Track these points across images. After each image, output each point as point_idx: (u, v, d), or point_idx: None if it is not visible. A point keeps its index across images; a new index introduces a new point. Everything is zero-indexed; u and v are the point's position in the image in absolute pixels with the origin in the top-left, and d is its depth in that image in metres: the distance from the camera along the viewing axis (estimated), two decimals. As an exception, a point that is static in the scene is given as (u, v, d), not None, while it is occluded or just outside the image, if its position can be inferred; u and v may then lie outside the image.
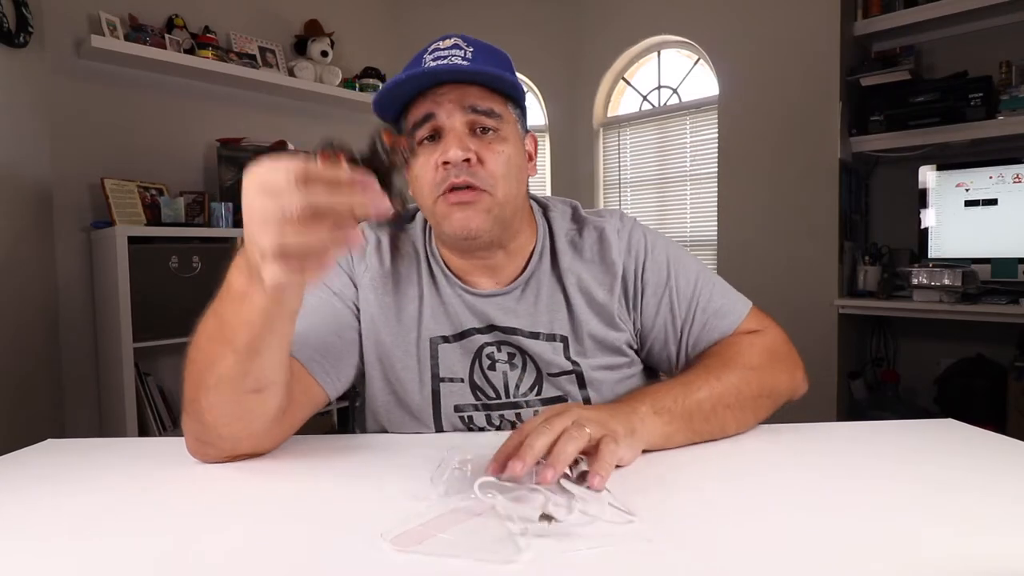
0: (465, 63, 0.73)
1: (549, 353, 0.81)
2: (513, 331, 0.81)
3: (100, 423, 2.42)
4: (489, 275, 0.83)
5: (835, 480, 0.58)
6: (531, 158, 0.84)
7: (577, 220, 0.87)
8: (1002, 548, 0.45)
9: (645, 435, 0.64)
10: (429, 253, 0.85)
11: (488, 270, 0.82)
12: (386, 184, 0.49)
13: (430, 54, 0.75)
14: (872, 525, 0.48)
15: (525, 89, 0.80)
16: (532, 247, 0.84)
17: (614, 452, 0.56)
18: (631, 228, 0.86)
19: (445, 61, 0.73)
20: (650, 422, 0.65)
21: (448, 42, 0.76)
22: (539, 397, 0.82)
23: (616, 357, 0.83)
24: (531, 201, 0.88)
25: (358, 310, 0.83)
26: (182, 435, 0.67)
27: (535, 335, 0.81)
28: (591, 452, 0.57)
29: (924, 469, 0.62)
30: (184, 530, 0.51)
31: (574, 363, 0.81)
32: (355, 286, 0.83)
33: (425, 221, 0.86)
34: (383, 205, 0.48)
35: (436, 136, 0.75)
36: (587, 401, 0.81)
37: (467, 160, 0.72)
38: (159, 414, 2.37)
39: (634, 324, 0.84)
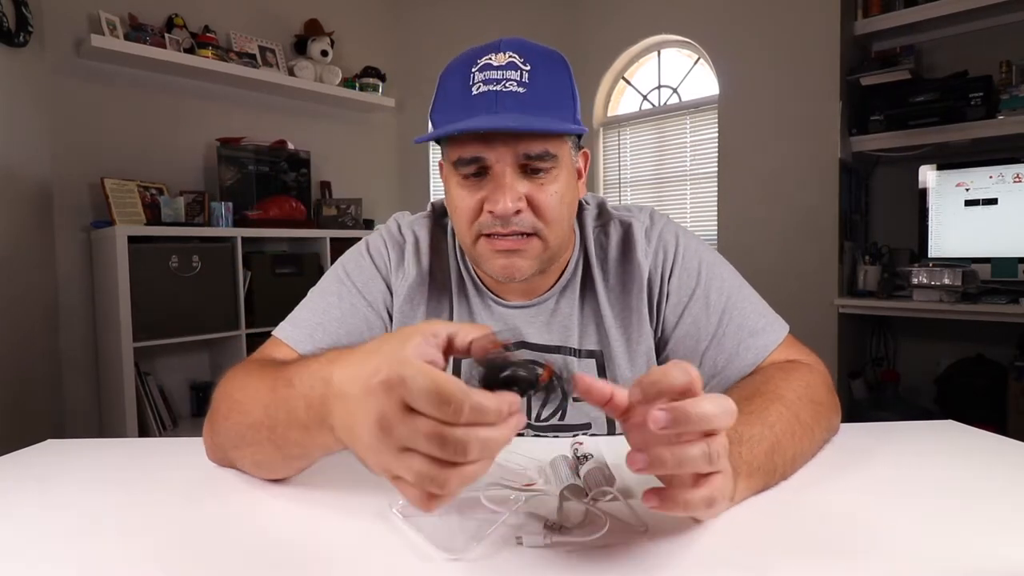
0: (521, 91, 0.66)
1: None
2: (543, 349, 0.78)
3: (100, 423, 2.42)
4: (522, 291, 0.80)
5: (835, 481, 0.58)
6: (581, 176, 0.78)
7: (602, 216, 0.83)
8: (1002, 549, 0.45)
9: (733, 498, 0.49)
10: (460, 261, 0.82)
11: (523, 288, 0.79)
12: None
13: (480, 71, 0.67)
14: (872, 526, 0.48)
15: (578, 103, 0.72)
16: (568, 258, 0.80)
17: (710, 501, 0.42)
18: (662, 228, 0.80)
19: (498, 87, 0.66)
20: (741, 485, 0.50)
21: (502, 57, 0.67)
22: (562, 422, 0.79)
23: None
24: None
25: (391, 320, 0.80)
26: (182, 435, 0.67)
27: (566, 351, 0.78)
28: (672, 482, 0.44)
29: (924, 471, 0.62)
30: (185, 529, 0.51)
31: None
32: (391, 293, 0.80)
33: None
34: (522, 424, 0.40)
35: (482, 172, 0.69)
36: (611, 422, 0.78)
37: (517, 211, 0.67)
38: (159, 414, 2.37)
39: (655, 332, 0.79)
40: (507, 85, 0.66)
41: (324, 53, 2.95)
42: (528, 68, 0.67)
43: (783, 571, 0.42)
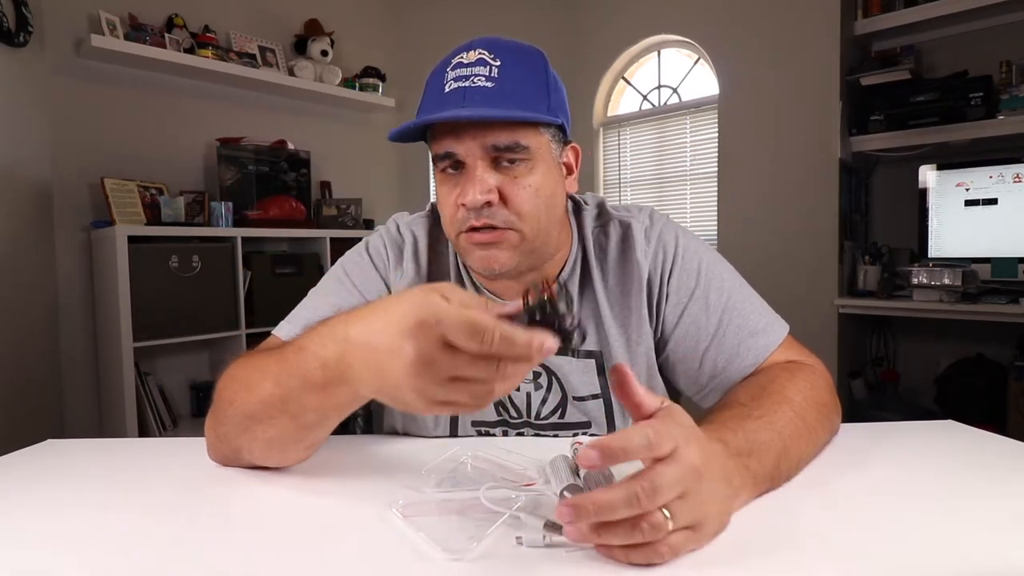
0: (489, 85, 0.67)
1: (578, 373, 0.78)
2: None
3: (100, 423, 2.42)
4: (519, 291, 0.80)
5: (835, 480, 0.58)
6: (571, 171, 0.78)
7: (602, 216, 0.83)
8: (1002, 549, 0.45)
9: (727, 520, 0.47)
10: (458, 260, 0.82)
11: (521, 288, 0.80)
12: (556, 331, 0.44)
13: (452, 70, 0.69)
14: (872, 526, 0.48)
15: (565, 98, 0.74)
16: (566, 257, 0.80)
17: (676, 550, 0.42)
18: (662, 228, 0.80)
19: (467, 83, 0.67)
20: (744, 498, 0.51)
21: (472, 55, 0.69)
22: (562, 421, 0.79)
23: (644, 377, 0.78)
24: (567, 201, 0.82)
25: None
26: (182, 435, 0.67)
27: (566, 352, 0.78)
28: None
29: (924, 471, 0.62)
30: (186, 528, 0.51)
31: (604, 386, 0.78)
32: (389, 292, 0.80)
33: None
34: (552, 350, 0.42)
35: (459, 166, 0.70)
36: (611, 423, 0.78)
37: (488, 203, 0.68)
38: (159, 414, 2.37)
39: (655, 332, 0.79)
40: (475, 80, 0.67)
41: (324, 53, 2.95)
42: (497, 63, 0.68)
43: (782, 570, 0.42)
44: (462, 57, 0.69)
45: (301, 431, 0.57)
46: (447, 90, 0.68)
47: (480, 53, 0.69)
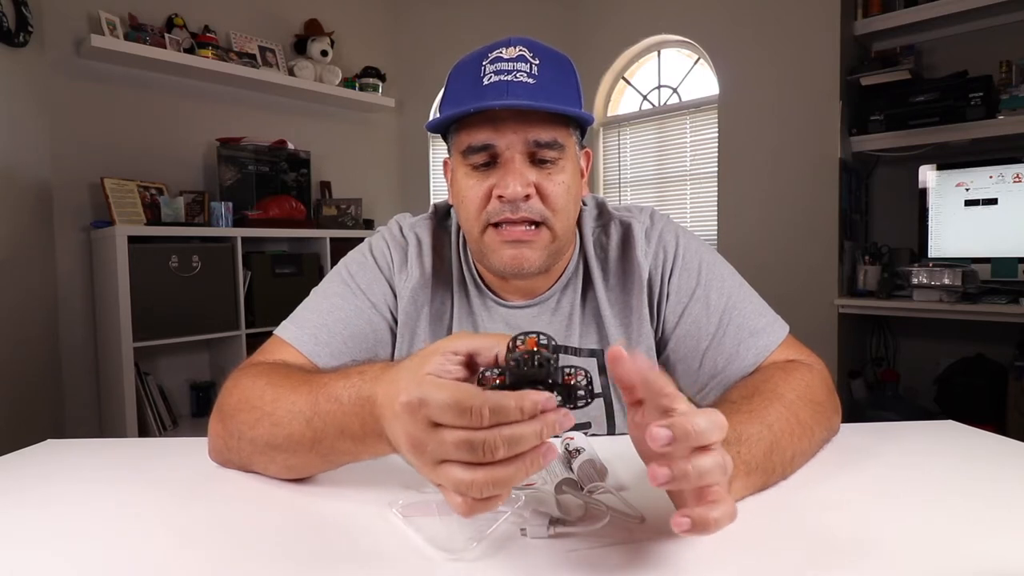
0: (531, 81, 0.67)
1: None
2: None
3: (100, 423, 2.42)
4: (523, 291, 0.80)
5: (835, 480, 0.58)
6: (583, 175, 0.79)
7: (603, 216, 0.83)
8: (1001, 549, 0.45)
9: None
10: (462, 259, 0.82)
11: (523, 288, 0.80)
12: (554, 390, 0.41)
13: (491, 63, 0.68)
14: (871, 526, 0.48)
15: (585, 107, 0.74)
16: (569, 258, 0.81)
17: (734, 515, 0.41)
18: (662, 228, 0.80)
19: (509, 77, 0.67)
20: (737, 486, 0.51)
21: (512, 51, 0.69)
22: None
23: None
24: None
25: (395, 321, 0.80)
26: (182, 435, 0.67)
27: (568, 350, 0.78)
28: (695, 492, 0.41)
29: (924, 471, 0.62)
30: (186, 529, 0.51)
31: (604, 385, 0.78)
32: (394, 295, 0.80)
33: (459, 225, 0.82)
34: (568, 423, 0.40)
35: (492, 162, 0.70)
36: (611, 422, 0.78)
37: (526, 196, 0.69)
38: (159, 414, 2.37)
39: (655, 332, 0.79)
40: (517, 76, 0.68)
41: (324, 53, 2.95)
42: (537, 62, 0.69)
43: (781, 569, 0.42)
44: (501, 52, 0.69)
45: (328, 465, 0.57)
46: (487, 82, 0.68)
47: (520, 50, 0.69)
